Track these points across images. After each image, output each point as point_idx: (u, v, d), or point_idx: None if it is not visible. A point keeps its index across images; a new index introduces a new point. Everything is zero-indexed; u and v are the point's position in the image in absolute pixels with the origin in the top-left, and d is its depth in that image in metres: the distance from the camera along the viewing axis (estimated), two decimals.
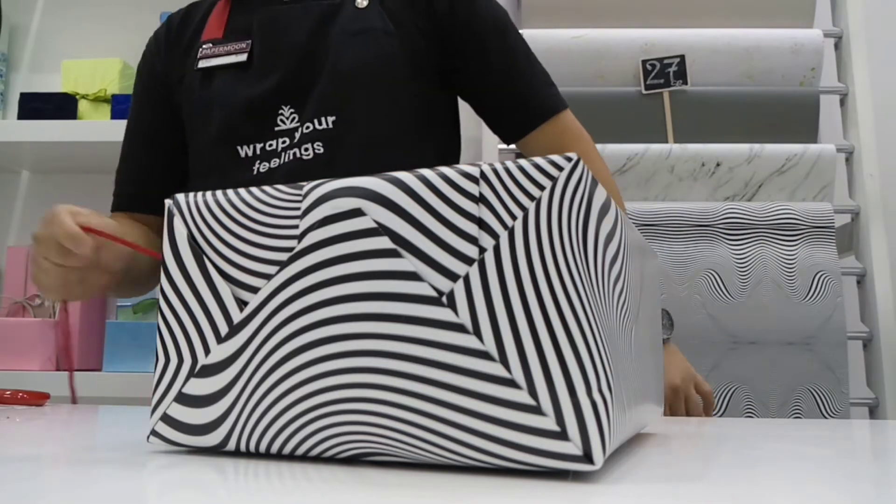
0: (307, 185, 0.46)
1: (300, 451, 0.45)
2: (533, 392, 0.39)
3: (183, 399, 0.48)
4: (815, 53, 1.61)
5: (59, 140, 1.66)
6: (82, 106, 1.76)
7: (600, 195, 0.43)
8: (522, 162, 0.41)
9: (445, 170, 0.43)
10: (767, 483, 0.39)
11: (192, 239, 0.49)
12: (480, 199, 0.42)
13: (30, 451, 0.49)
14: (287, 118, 0.91)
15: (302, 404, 0.44)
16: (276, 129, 0.92)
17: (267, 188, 0.48)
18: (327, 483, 0.38)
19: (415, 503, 0.34)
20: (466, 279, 0.41)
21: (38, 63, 1.98)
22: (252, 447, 0.46)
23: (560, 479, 0.39)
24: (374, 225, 0.43)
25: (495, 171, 0.42)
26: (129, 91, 1.83)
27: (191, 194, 0.50)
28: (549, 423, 0.39)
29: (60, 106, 1.70)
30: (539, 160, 0.41)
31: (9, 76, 1.97)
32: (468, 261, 0.41)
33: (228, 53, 0.93)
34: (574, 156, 0.41)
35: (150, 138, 1.05)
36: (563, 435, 0.38)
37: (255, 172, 0.92)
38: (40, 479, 0.39)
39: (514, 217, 0.41)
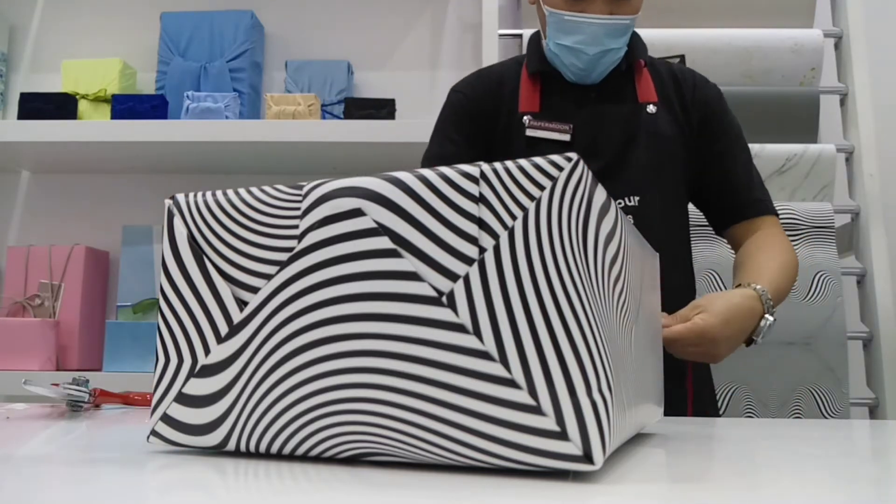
0: (307, 185, 0.46)
1: (300, 451, 0.45)
2: (533, 392, 0.39)
3: (183, 399, 0.48)
4: (815, 53, 1.61)
5: (59, 140, 1.66)
6: (82, 106, 1.76)
7: (600, 195, 0.43)
8: (522, 162, 0.41)
9: (445, 170, 0.43)
10: (767, 483, 0.39)
11: (192, 239, 0.49)
12: (480, 199, 0.42)
13: (30, 451, 0.49)
14: None
15: (302, 404, 0.44)
16: None
17: (267, 188, 0.48)
18: (327, 483, 0.38)
19: (415, 503, 0.34)
20: (466, 279, 0.41)
21: (38, 63, 1.98)
22: (252, 447, 0.46)
23: (560, 479, 0.39)
24: (374, 225, 0.43)
25: (495, 171, 0.42)
26: (130, 91, 1.83)
27: (191, 194, 0.50)
28: (549, 423, 0.39)
29: (60, 106, 1.70)
30: (539, 160, 0.41)
31: (9, 76, 1.96)
32: (468, 261, 0.41)
33: (553, 130, 1.14)
34: (574, 156, 0.41)
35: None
36: (563, 435, 0.38)
37: None
38: (40, 479, 0.39)
39: (514, 217, 0.41)
